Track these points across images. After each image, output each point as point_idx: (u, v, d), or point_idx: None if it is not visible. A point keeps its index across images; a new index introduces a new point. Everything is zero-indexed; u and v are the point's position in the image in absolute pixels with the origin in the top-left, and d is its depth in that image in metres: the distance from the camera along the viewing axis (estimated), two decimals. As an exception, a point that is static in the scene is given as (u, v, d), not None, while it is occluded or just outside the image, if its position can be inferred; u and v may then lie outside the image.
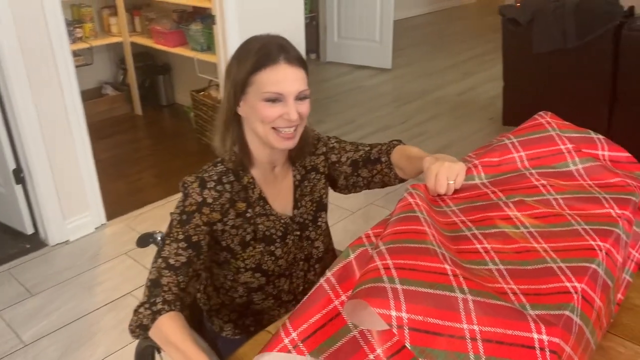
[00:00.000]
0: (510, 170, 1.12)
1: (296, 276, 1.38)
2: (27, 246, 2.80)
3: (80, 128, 2.77)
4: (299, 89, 1.20)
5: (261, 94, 1.19)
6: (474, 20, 7.71)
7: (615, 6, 3.04)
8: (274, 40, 1.24)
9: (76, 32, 3.92)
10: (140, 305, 1.12)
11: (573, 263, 0.85)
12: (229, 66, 1.25)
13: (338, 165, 1.40)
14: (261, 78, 1.19)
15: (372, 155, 1.37)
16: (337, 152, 1.40)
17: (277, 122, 1.20)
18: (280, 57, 1.19)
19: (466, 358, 0.71)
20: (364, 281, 0.78)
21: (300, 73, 1.21)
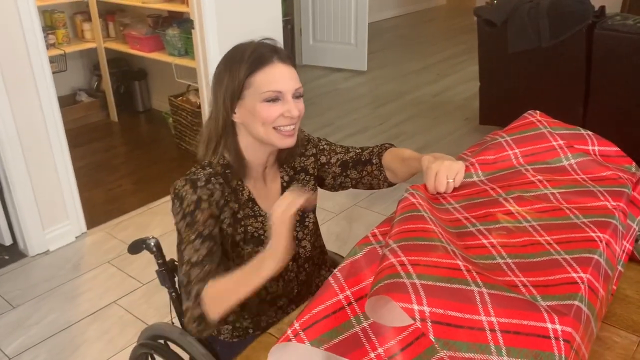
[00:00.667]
0: (506, 167, 1.14)
1: (288, 279, 1.38)
2: (6, 257, 2.74)
3: (58, 136, 2.72)
4: (295, 86, 1.23)
5: (260, 95, 1.20)
6: (445, 22, 7.81)
7: (587, 6, 3.12)
8: (264, 42, 1.26)
9: (49, 39, 3.85)
10: (185, 311, 1.15)
11: (576, 254, 0.87)
12: (219, 76, 1.25)
13: (327, 166, 1.41)
14: (258, 79, 1.20)
15: (362, 157, 1.38)
16: (326, 153, 1.41)
17: (278, 121, 1.22)
18: (274, 57, 1.22)
19: (487, 349, 0.72)
20: (381, 279, 0.79)
21: (293, 71, 1.25)
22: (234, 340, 1.40)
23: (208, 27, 3.13)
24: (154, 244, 1.42)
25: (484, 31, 3.55)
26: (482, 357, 0.72)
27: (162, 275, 1.45)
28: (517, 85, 3.56)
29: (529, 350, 0.72)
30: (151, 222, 3.02)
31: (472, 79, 4.86)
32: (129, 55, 4.20)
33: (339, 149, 1.42)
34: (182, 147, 3.86)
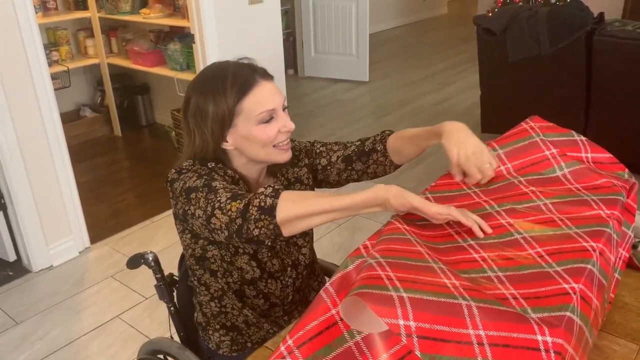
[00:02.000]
0: (498, 181, 1.14)
1: (285, 283, 1.37)
2: (10, 273, 2.75)
3: (61, 152, 2.74)
4: (282, 99, 1.24)
5: (254, 119, 1.19)
6: (446, 31, 7.84)
7: (585, 12, 3.13)
8: (240, 63, 1.25)
9: (52, 55, 3.90)
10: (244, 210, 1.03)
11: (569, 265, 0.87)
12: (199, 109, 1.20)
13: (330, 167, 1.40)
14: (248, 104, 1.19)
15: (365, 147, 1.37)
16: (325, 155, 1.40)
17: (277, 139, 1.22)
18: (256, 77, 1.21)
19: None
20: (366, 285, 0.78)
21: (274, 84, 1.25)
22: (232, 354, 1.40)
23: (209, 41, 3.16)
24: (152, 258, 1.42)
25: (484, 40, 3.55)
26: None
27: (161, 289, 1.45)
28: (518, 93, 3.55)
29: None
30: (155, 236, 3.02)
31: (473, 87, 4.87)
32: (132, 71, 4.23)
33: (336, 147, 1.41)
34: (185, 161, 3.87)
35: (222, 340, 1.39)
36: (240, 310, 1.35)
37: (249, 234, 1.03)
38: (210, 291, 1.35)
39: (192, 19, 3.16)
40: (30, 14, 2.49)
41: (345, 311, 0.82)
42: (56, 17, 3.93)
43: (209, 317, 1.39)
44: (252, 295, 1.34)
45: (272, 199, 1.02)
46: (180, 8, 3.65)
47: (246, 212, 1.03)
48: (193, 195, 1.12)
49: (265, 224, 1.01)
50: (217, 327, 1.38)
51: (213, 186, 1.11)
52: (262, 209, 1.01)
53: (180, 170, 1.21)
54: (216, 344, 1.39)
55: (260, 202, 1.02)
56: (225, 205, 1.06)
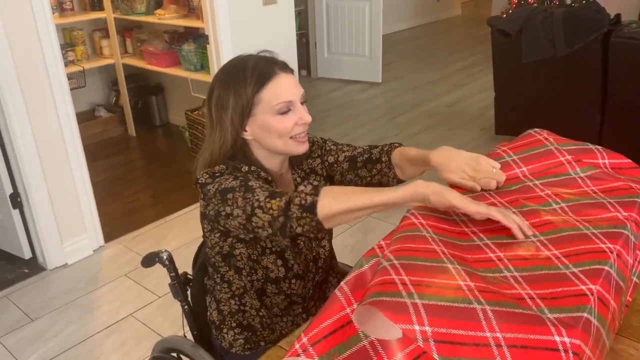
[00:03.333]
0: (514, 183, 1.13)
1: (307, 279, 1.38)
2: (26, 271, 2.78)
3: (76, 151, 2.77)
4: (300, 92, 1.26)
5: (271, 109, 1.22)
6: (460, 33, 7.80)
7: (602, 14, 3.10)
8: (261, 56, 1.28)
9: (68, 56, 3.94)
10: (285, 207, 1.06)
11: (586, 266, 0.86)
12: (220, 99, 1.24)
13: (336, 165, 1.42)
14: (267, 94, 1.22)
15: (372, 155, 1.39)
16: (334, 153, 1.42)
17: (294, 130, 1.24)
18: (276, 69, 1.24)
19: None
20: (380, 292, 0.78)
21: (295, 78, 1.28)
22: (245, 353, 1.40)
23: (223, 42, 3.17)
24: (167, 257, 1.43)
25: (498, 41, 3.53)
26: None
27: (175, 288, 1.46)
28: (533, 95, 3.53)
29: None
30: (168, 235, 3.04)
31: (487, 88, 4.84)
32: (146, 71, 4.26)
33: (346, 148, 1.43)
34: (198, 161, 3.90)
35: (235, 339, 1.39)
36: (258, 310, 1.36)
37: (292, 231, 1.07)
38: (232, 288, 1.36)
39: (207, 20, 3.18)
40: (47, 14, 2.51)
41: (359, 318, 0.82)
42: (72, 18, 3.97)
43: (225, 315, 1.39)
44: (272, 294, 1.35)
45: (313, 196, 1.05)
46: (195, 9, 3.67)
47: (288, 210, 1.06)
48: (230, 196, 1.14)
49: (307, 221, 1.05)
50: (232, 325, 1.38)
51: (250, 185, 1.14)
52: (303, 207, 1.05)
53: (214, 174, 1.22)
54: (229, 343, 1.40)
55: (301, 201, 1.06)
56: (265, 204, 1.09)
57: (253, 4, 3.26)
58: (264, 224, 1.10)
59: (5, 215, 2.76)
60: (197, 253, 1.51)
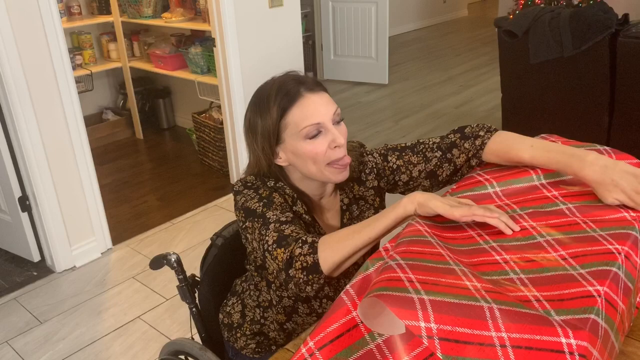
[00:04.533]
0: (521, 177, 1.13)
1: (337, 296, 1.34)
2: (34, 273, 2.80)
3: (84, 154, 2.78)
4: (332, 111, 1.16)
5: (300, 133, 1.14)
6: (467, 34, 7.79)
7: (610, 14, 3.08)
8: (287, 77, 1.21)
9: (76, 59, 3.96)
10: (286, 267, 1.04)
11: (593, 267, 0.85)
12: (250, 125, 1.20)
13: (412, 182, 1.31)
14: (293, 118, 1.15)
15: (455, 162, 1.26)
16: (404, 170, 1.30)
17: (329, 155, 1.15)
18: (301, 89, 1.16)
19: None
20: (386, 287, 0.78)
21: (325, 96, 1.18)
22: (255, 356, 1.40)
23: (229, 44, 3.18)
24: (175, 259, 1.43)
25: (505, 42, 3.52)
26: None
27: (183, 290, 1.46)
28: (540, 96, 3.51)
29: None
30: (175, 237, 3.05)
31: (494, 89, 4.83)
32: (154, 74, 4.29)
33: (415, 158, 1.29)
34: (205, 163, 3.91)
35: (247, 343, 1.38)
36: (282, 324, 1.32)
37: (302, 292, 1.06)
38: (259, 299, 1.34)
39: (213, 23, 3.19)
40: (55, 19, 2.53)
41: (364, 312, 0.81)
42: (80, 22, 4.00)
43: (246, 320, 1.37)
44: (304, 314, 1.31)
45: (312, 256, 1.02)
46: (201, 12, 3.68)
47: (289, 269, 1.04)
48: (249, 222, 1.14)
49: (315, 281, 1.03)
50: (247, 332, 1.37)
51: (267, 218, 1.12)
52: (306, 269, 1.03)
53: (246, 183, 1.21)
54: (241, 346, 1.39)
55: (302, 264, 1.03)
56: (272, 251, 1.08)
57: (259, 6, 3.27)
58: (273, 270, 1.09)
59: (14, 218, 2.78)
60: (205, 255, 1.51)
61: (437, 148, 1.29)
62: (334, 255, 1.02)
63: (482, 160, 1.24)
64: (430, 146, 1.30)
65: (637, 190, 1.00)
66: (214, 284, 1.48)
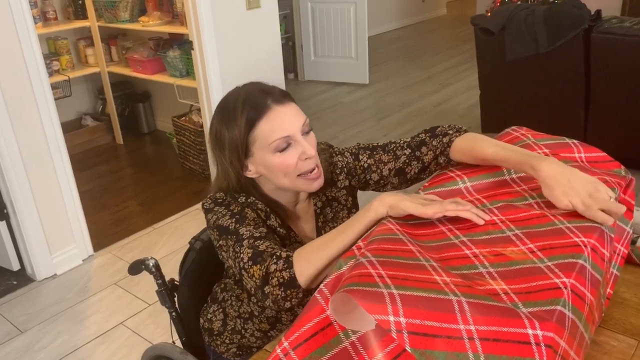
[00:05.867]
0: (492, 172, 1.14)
1: None
2: (14, 282, 2.76)
3: (62, 161, 2.75)
4: (301, 122, 1.15)
5: (269, 147, 1.13)
6: (446, 32, 7.84)
7: (583, 11, 3.13)
8: (253, 88, 1.18)
9: (53, 65, 3.92)
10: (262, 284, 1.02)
11: (560, 260, 0.87)
12: (217, 137, 1.17)
13: (383, 181, 1.31)
14: (262, 131, 1.13)
15: (423, 159, 1.26)
16: (375, 169, 1.31)
17: (299, 167, 1.15)
18: (269, 101, 1.14)
19: (465, 357, 0.72)
20: (357, 282, 0.79)
21: (293, 107, 1.17)
22: (236, 359, 1.40)
23: (207, 47, 3.17)
24: (153, 264, 1.43)
25: (482, 40, 3.56)
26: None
27: (162, 295, 1.45)
28: (517, 92, 3.55)
29: (508, 357, 0.72)
30: (158, 242, 3.03)
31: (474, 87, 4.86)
32: (132, 78, 4.26)
33: (386, 157, 1.30)
34: (186, 167, 3.89)
35: (228, 348, 1.39)
36: (266, 332, 1.32)
37: (282, 308, 1.05)
38: (240, 310, 1.33)
39: (190, 26, 3.17)
40: (29, 24, 2.51)
41: (335, 308, 0.82)
42: (56, 27, 3.96)
43: (227, 330, 1.36)
44: (288, 321, 1.30)
45: (288, 270, 1.01)
46: (179, 15, 3.67)
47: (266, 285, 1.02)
48: (223, 241, 1.13)
49: (293, 295, 1.02)
50: (226, 341, 1.37)
51: (240, 235, 1.10)
52: (283, 285, 1.01)
53: (216, 200, 1.19)
54: (222, 351, 1.39)
55: (278, 280, 1.01)
56: (249, 269, 1.06)
57: (237, 8, 3.27)
58: (250, 288, 1.07)
59: (-8, 227, 2.75)
60: (184, 259, 1.50)
61: (407, 146, 1.29)
62: (310, 267, 1.00)
63: (449, 158, 1.24)
64: (400, 145, 1.31)
65: (592, 195, 0.98)
66: (194, 288, 1.48)
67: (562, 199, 0.99)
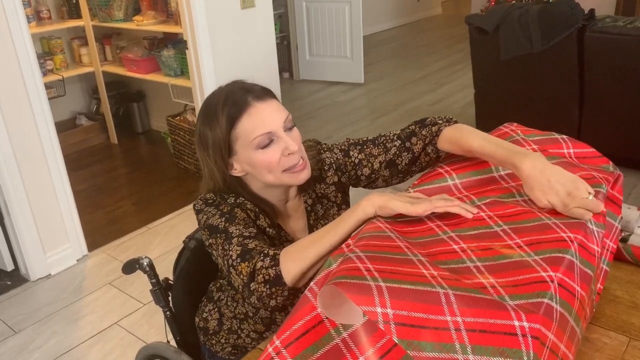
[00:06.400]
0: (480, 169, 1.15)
1: None
2: (8, 283, 2.75)
3: (56, 160, 2.75)
4: (283, 118, 1.16)
5: (251, 144, 1.13)
6: (441, 31, 7.86)
7: (576, 10, 3.14)
8: (234, 86, 1.19)
9: (47, 65, 3.91)
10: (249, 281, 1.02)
11: (546, 254, 0.88)
12: (201, 137, 1.18)
13: (374, 175, 1.31)
14: (242, 129, 1.14)
15: (414, 151, 1.26)
16: (366, 163, 1.31)
17: (283, 163, 1.15)
18: (249, 98, 1.14)
19: (452, 348, 0.73)
20: (344, 275, 0.79)
21: (274, 103, 1.17)
22: (231, 358, 1.40)
23: (201, 46, 3.17)
24: (147, 263, 1.43)
25: (476, 39, 3.57)
26: (447, 356, 0.72)
27: (156, 294, 1.46)
28: (512, 91, 3.57)
29: (494, 347, 0.73)
30: (152, 242, 3.03)
31: (468, 86, 4.88)
32: (127, 78, 4.25)
33: (376, 150, 1.30)
34: (181, 166, 3.89)
35: (224, 347, 1.39)
36: (261, 334, 1.32)
37: (267, 306, 1.04)
38: (235, 311, 1.33)
39: (185, 25, 3.17)
40: (22, 24, 2.50)
41: (323, 301, 0.82)
42: (50, 27, 3.94)
43: (223, 329, 1.37)
44: (282, 320, 1.28)
45: (274, 268, 1.01)
46: (173, 14, 3.66)
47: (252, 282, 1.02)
48: (213, 239, 1.13)
49: (279, 293, 1.02)
50: (222, 340, 1.37)
51: (230, 233, 1.10)
52: (269, 282, 1.01)
53: (206, 201, 1.19)
54: (217, 350, 1.39)
55: (264, 277, 1.01)
56: (237, 266, 1.06)
57: (231, 7, 3.27)
58: (238, 285, 1.07)
59: (-14, 228, 2.74)
60: (178, 259, 1.50)
61: (397, 138, 1.30)
62: (297, 265, 1.00)
63: (437, 148, 1.24)
64: (390, 137, 1.31)
65: (571, 194, 0.98)
66: (188, 287, 1.47)
67: (541, 198, 1.01)
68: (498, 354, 0.72)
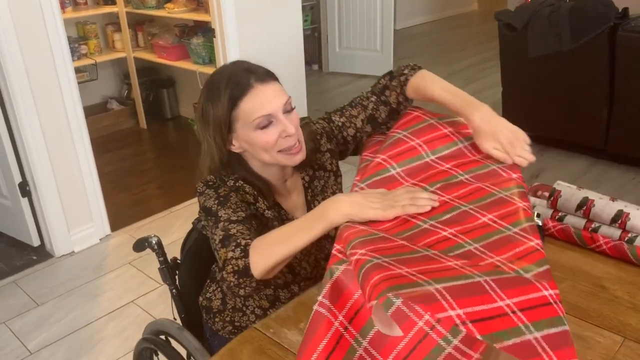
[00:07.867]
0: (414, 156, 1.17)
1: (318, 277, 1.35)
2: (34, 258, 2.86)
3: (83, 142, 2.83)
4: (282, 102, 1.18)
5: (251, 124, 1.17)
6: (475, 28, 7.74)
7: (609, 8, 3.06)
8: (237, 66, 1.22)
9: (81, 49, 4.01)
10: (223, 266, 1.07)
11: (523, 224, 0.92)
12: (202, 111, 1.21)
13: (359, 133, 1.36)
14: (243, 109, 1.17)
15: (390, 103, 1.34)
16: (348, 125, 1.36)
17: (280, 144, 1.18)
18: (252, 80, 1.17)
19: (520, 330, 0.74)
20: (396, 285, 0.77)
21: (276, 86, 1.20)
22: (231, 337, 1.43)
23: (229, 35, 3.21)
24: (156, 242, 1.47)
25: (505, 36, 3.52)
26: (522, 339, 0.74)
27: (164, 272, 1.50)
28: (539, 90, 3.51)
29: (546, 319, 0.75)
30: (173, 225, 3.09)
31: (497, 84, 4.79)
32: (158, 64, 4.33)
33: (354, 111, 1.36)
34: (206, 153, 3.95)
35: (224, 326, 1.42)
36: (265, 310, 1.34)
37: (236, 295, 1.09)
38: None
39: (213, 13, 3.22)
40: (55, 8, 2.57)
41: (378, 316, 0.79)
42: (85, 12, 4.05)
43: (227, 308, 1.39)
44: (286, 299, 1.33)
45: (243, 260, 1.04)
46: (203, 2, 3.71)
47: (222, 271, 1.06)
48: (206, 221, 1.18)
49: (247, 284, 1.06)
50: (226, 319, 1.40)
51: (219, 217, 1.14)
52: (237, 273, 1.05)
53: (207, 183, 1.23)
54: (218, 328, 1.42)
55: (233, 267, 1.05)
56: (218, 250, 1.10)
57: (259, -3, 3.29)
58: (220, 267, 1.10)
59: (15, 204, 2.84)
60: (186, 239, 1.55)
61: (371, 94, 1.37)
62: (264, 261, 1.04)
63: (406, 96, 1.32)
64: (365, 96, 1.38)
65: (511, 143, 1.14)
66: (194, 267, 1.52)
67: (486, 145, 1.16)
68: (551, 325, 0.75)
